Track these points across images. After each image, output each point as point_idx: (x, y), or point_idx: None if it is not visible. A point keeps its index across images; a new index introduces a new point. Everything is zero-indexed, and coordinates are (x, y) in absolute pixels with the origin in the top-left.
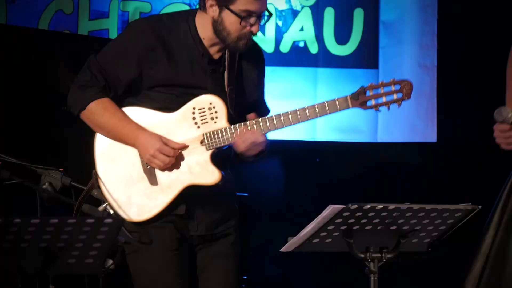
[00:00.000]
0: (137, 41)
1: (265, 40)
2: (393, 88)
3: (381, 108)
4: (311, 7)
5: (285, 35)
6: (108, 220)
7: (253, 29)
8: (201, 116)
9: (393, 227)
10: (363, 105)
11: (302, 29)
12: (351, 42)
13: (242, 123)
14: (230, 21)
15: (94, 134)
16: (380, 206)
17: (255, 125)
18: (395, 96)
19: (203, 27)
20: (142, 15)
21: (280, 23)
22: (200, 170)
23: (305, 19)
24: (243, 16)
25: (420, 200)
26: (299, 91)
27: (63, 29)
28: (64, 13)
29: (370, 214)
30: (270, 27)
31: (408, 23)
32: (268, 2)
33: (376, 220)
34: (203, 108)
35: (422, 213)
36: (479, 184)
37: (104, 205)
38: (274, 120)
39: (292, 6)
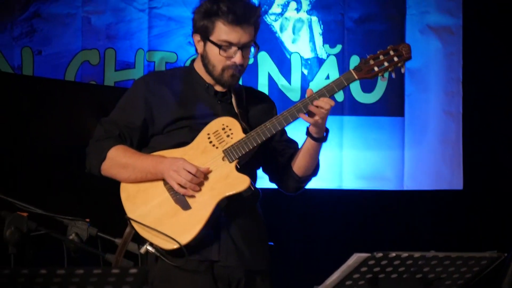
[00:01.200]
0: (141, 88)
1: (291, 89)
2: (391, 53)
3: (386, 75)
4: (336, 55)
5: (310, 84)
6: (134, 270)
7: (236, 59)
8: (217, 139)
9: (419, 275)
10: (368, 73)
11: (327, 77)
12: (377, 90)
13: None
14: (213, 52)
15: (119, 184)
16: (405, 255)
17: (316, 94)
18: (396, 59)
19: (201, 69)
20: (168, 66)
21: (305, 72)
22: (229, 181)
23: (330, 67)
24: (222, 46)
25: (445, 248)
26: None
27: (89, 80)
28: (91, 64)
29: (396, 263)
30: (296, 76)
31: (433, 71)
32: (293, 50)
33: (402, 269)
34: (217, 131)
35: (447, 261)
36: (505, 231)
37: (145, 245)
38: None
39: (317, 54)
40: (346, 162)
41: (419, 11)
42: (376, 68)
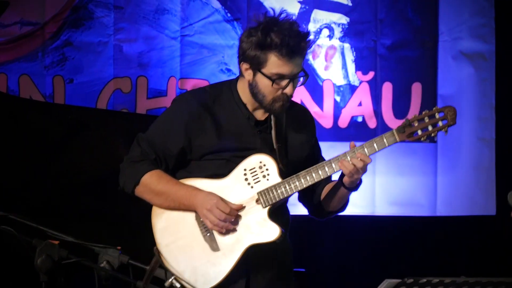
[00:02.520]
0: (182, 111)
1: (323, 116)
2: (437, 116)
3: (428, 138)
4: (369, 82)
5: (343, 111)
6: None
7: (287, 91)
8: (253, 176)
9: None
10: (410, 136)
11: (360, 104)
12: (410, 116)
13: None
14: (264, 84)
15: (151, 211)
16: (436, 280)
17: (356, 150)
18: (440, 124)
19: (244, 92)
20: None
21: (338, 99)
22: (259, 228)
23: (363, 94)
24: (275, 79)
25: (477, 274)
26: None
27: (121, 108)
28: (122, 92)
29: None
30: (328, 103)
31: (466, 97)
32: (325, 77)
33: None
34: (254, 168)
35: (478, 287)
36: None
37: (171, 279)
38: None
39: (350, 81)
40: (378, 188)
41: (452, 37)
42: (419, 132)
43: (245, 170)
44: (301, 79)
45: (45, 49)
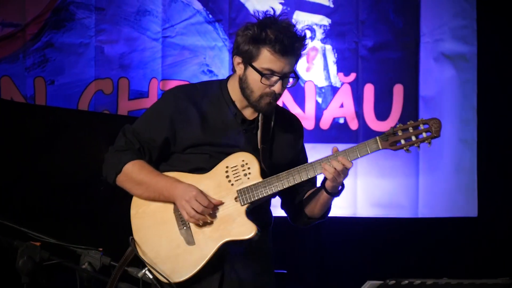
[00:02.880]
0: (169, 104)
1: (305, 117)
2: (421, 127)
3: (411, 149)
4: (350, 83)
5: (325, 112)
6: None
7: (275, 88)
8: (234, 174)
9: None
10: (393, 145)
11: (342, 106)
12: (391, 118)
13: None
14: (253, 78)
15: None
16: (418, 282)
17: (338, 154)
18: (424, 135)
19: (234, 89)
20: None
21: (320, 100)
22: (236, 225)
23: (344, 96)
24: (264, 74)
25: (459, 275)
26: None
27: (102, 110)
28: (104, 94)
29: None
30: (310, 104)
31: (447, 98)
32: (307, 78)
33: None
34: (236, 166)
35: None
36: None
37: (144, 270)
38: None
39: (331, 83)
40: (360, 189)
41: (434, 39)
42: (402, 141)
43: (227, 167)
44: (291, 80)
45: (26, 50)
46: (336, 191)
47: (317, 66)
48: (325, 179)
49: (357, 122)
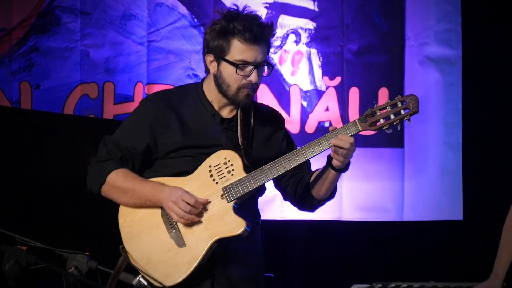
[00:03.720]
0: (147, 111)
1: (290, 121)
2: (399, 104)
3: (391, 128)
4: (336, 87)
5: (310, 116)
6: None
7: (251, 78)
8: (218, 172)
9: None
10: (372, 126)
11: (327, 109)
12: None
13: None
14: (228, 72)
15: (118, 216)
16: (404, 285)
17: (337, 132)
18: (402, 112)
19: (210, 89)
20: None
21: (305, 104)
22: (224, 223)
23: (330, 99)
24: (238, 65)
25: (445, 278)
26: None
27: (88, 114)
28: (89, 98)
29: None
30: (295, 108)
31: (432, 102)
32: (292, 82)
33: None
34: (219, 164)
35: None
36: None
37: (138, 277)
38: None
39: (317, 86)
40: (345, 193)
41: (418, 43)
42: (382, 121)
43: (210, 166)
44: (266, 68)
45: (12, 54)
46: (344, 166)
47: (302, 70)
48: (330, 158)
49: (342, 126)
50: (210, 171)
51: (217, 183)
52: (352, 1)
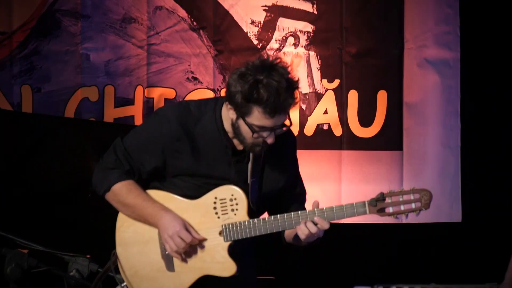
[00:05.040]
0: (162, 130)
1: None
2: (412, 197)
3: (398, 216)
4: (334, 90)
5: (309, 118)
6: None
7: (268, 140)
8: (222, 207)
9: None
10: (380, 211)
11: (326, 112)
12: (375, 124)
13: (278, 216)
14: (245, 130)
15: (117, 216)
16: (406, 287)
17: (317, 213)
18: (413, 206)
19: (227, 121)
20: (167, 101)
21: (304, 107)
22: (216, 261)
23: (329, 102)
24: (256, 130)
25: (445, 280)
26: (324, 174)
27: (89, 117)
28: (90, 101)
29: None
30: (294, 111)
31: (431, 104)
32: None
33: None
34: (225, 199)
35: None
36: (504, 263)
37: (122, 285)
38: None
39: (315, 89)
40: (344, 195)
41: (417, 45)
42: (391, 209)
43: (215, 198)
44: (284, 128)
45: (12, 58)
46: (311, 242)
47: (301, 73)
48: None
49: (341, 129)
50: (215, 202)
51: (218, 217)
52: (351, 4)
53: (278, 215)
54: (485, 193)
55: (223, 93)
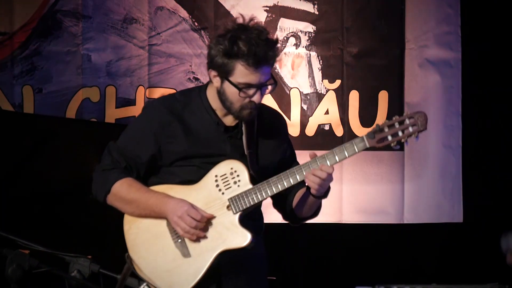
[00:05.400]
0: (152, 119)
1: (291, 124)
2: (407, 121)
3: (398, 144)
4: (335, 90)
5: (310, 119)
6: None
7: (254, 99)
8: (224, 183)
9: None
10: (380, 142)
11: (327, 112)
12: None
13: (281, 173)
14: (231, 91)
15: (122, 219)
16: (407, 287)
17: (318, 161)
18: (411, 129)
19: (214, 98)
20: None
21: (305, 107)
22: (230, 234)
23: (330, 102)
24: (241, 88)
25: (447, 281)
26: None
27: (90, 118)
28: (91, 102)
29: None
30: (296, 111)
31: (432, 104)
32: (292, 85)
33: None
34: (225, 174)
35: None
36: (506, 263)
37: (142, 286)
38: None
39: (317, 89)
40: (346, 196)
41: (418, 45)
42: (390, 138)
43: (216, 176)
44: (269, 87)
45: (14, 58)
46: (322, 194)
47: (302, 73)
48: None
49: (342, 129)
50: (216, 181)
51: (223, 193)
52: (352, 4)
53: (281, 173)
54: (486, 193)
55: None
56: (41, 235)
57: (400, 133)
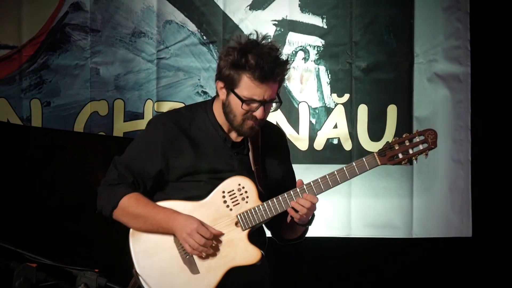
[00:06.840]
0: (159, 133)
1: (299, 138)
2: (417, 139)
3: (409, 162)
4: (344, 104)
5: (319, 133)
6: None
7: (257, 114)
8: (232, 199)
9: None
10: (391, 160)
11: (335, 126)
12: (385, 138)
13: (291, 191)
14: (235, 103)
15: (128, 233)
16: None
17: (306, 189)
18: (421, 147)
19: (220, 113)
20: None
21: (313, 121)
22: (240, 251)
23: (338, 116)
24: (245, 100)
25: None
26: (333, 189)
27: (98, 131)
28: (99, 115)
29: None
30: (304, 125)
31: (441, 119)
32: (301, 99)
33: None
34: (233, 191)
35: None
36: None
37: None
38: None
39: (325, 103)
40: (354, 210)
41: (427, 60)
42: (400, 155)
43: (223, 192)
44: (274, 105)
45: (22, 72)
46: (307, 222)
47: (311, 87)
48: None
49: (351, 143)
50: (223, 197)
51: (231, 209)
52: (361, 18)
53: (291, 190)
54: (496, 208)
55: None
56: (49, 249)
57: (410, 151)
